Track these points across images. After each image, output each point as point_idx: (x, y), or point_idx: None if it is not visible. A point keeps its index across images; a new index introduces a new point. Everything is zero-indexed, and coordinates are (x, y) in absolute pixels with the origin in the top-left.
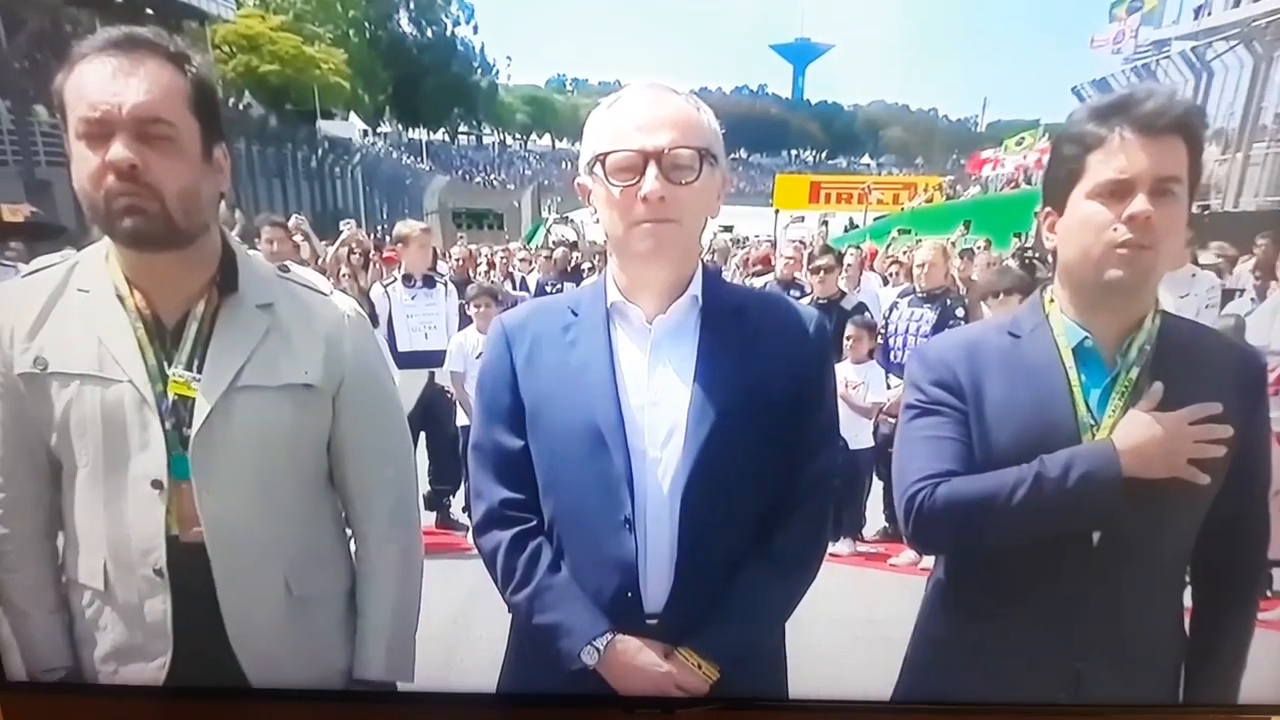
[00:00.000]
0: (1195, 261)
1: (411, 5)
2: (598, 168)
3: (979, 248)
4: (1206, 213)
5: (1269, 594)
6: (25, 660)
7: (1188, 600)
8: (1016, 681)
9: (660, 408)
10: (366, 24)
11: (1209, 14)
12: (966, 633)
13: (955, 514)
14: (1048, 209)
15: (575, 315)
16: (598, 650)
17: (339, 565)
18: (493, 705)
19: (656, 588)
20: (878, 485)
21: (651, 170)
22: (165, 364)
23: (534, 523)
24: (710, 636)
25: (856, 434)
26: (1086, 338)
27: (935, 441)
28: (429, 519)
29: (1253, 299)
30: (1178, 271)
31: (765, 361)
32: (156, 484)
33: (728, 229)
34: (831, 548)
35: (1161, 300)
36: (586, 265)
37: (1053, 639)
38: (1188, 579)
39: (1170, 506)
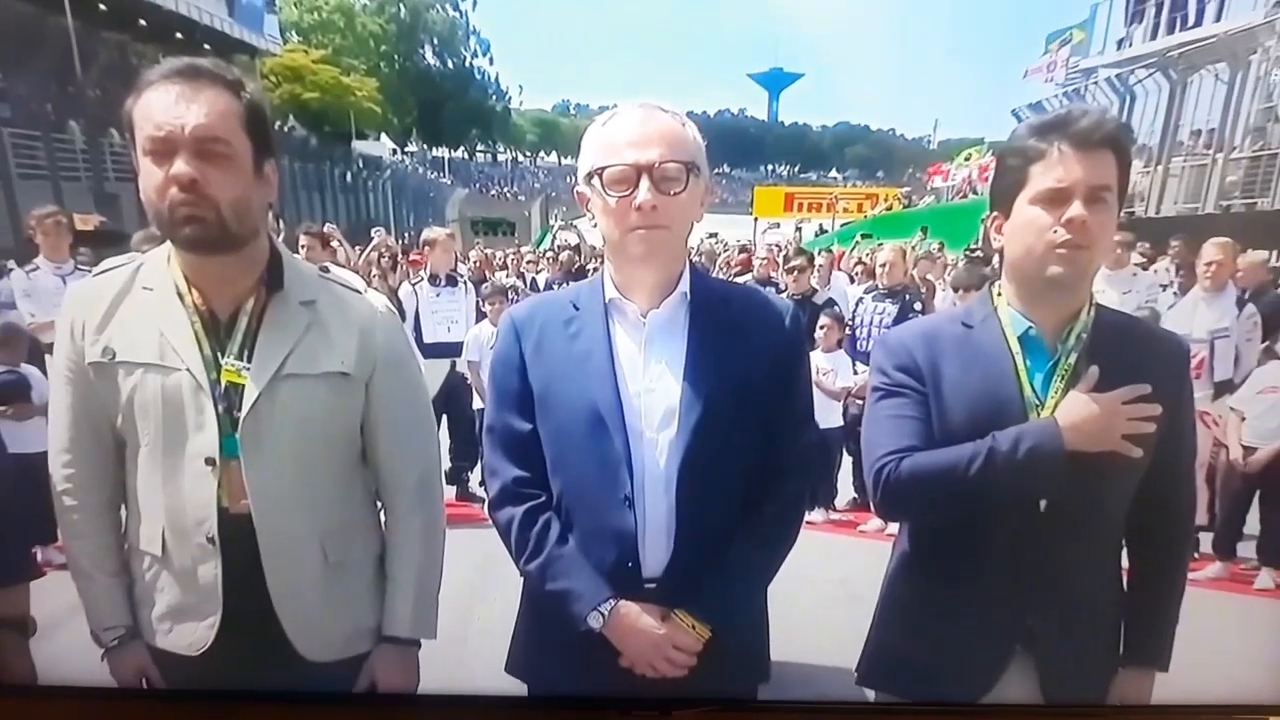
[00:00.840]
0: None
1: (435, 40)
2: (595, 180)
3: (934, 249)
4: (1132, 218)
5: (1196, 556)
6: (90, 619)
7: (1125, 562)
8: (973, 636)
9: (656, 394)
10: (396, 57)
11: (1130, 45)
12: (928, 592)
13: (918, 485)
14: (995, 214)
15: (576, 309)
16: (603, 615)
17: (370, 534)
18: (493, 708)
19: (654, 557)
20: (847, 461)
21: (644, 182)
22: (219, 354)
23: (543, 498)
24: (703, 600)
25: (828, 415)
26: (1031, 327)
27: (899, 420)
28: (450, 493)
29: (1175, 293)
30: (1121, 271)
31: (748, 348)
32: (209, 461)
33: (713, 235)
34: (807, 516)
35: (1106, 296)
36: (591, 266)
37: (1005, 597)
38: (1124, 542)
39: (1107, 477)
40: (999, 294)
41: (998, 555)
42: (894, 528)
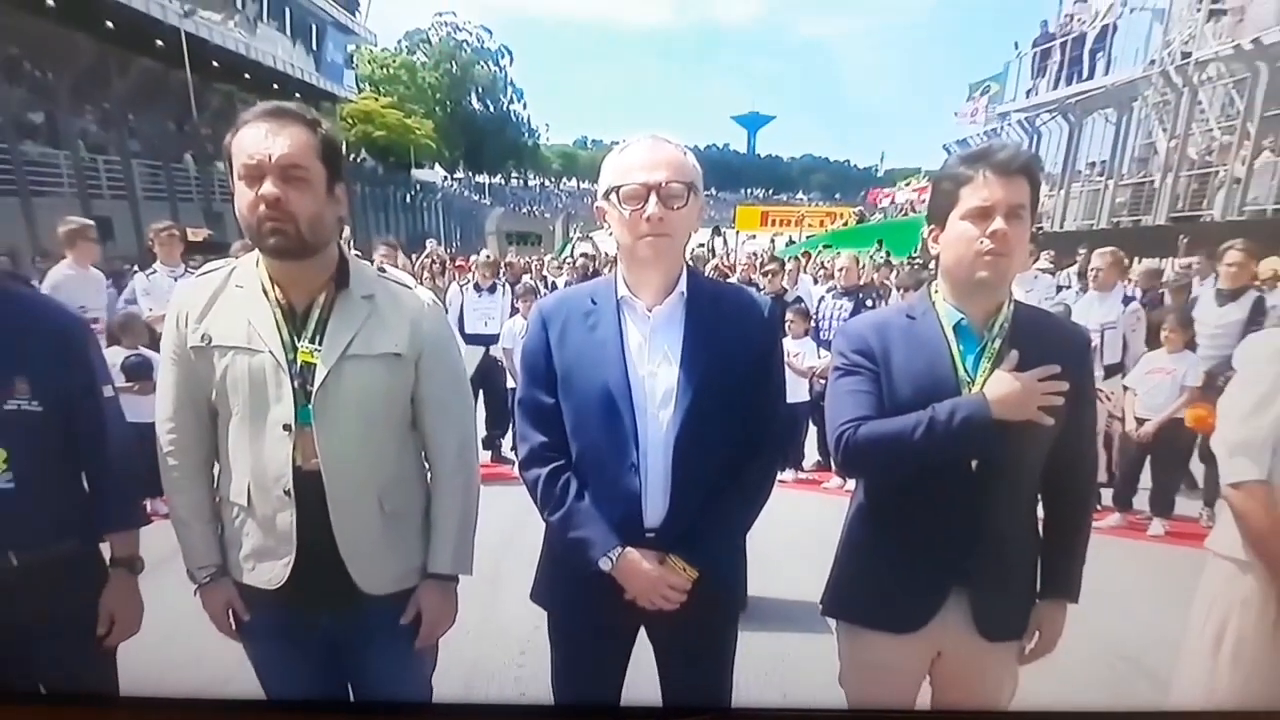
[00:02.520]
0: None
1: (479, 89)
2: (613, 196)
3: (882, 256)
4: (1040, 232)
5: (1098, 508)
6: (187, 560)
7: (1040, 512)
8: (917, 574)
9: (658, 378)
10: (448, 103)
11: (1036, 94)
12: (879, 537)
13: (871, 448)
14: (932, 227)
15: (594, 304)
16: (611, 559)
17: (418, 488)
18: (492, 714)
19: (654, 512)
20: (813, 430)
21: (653, 199)
22: (295, 339)
23: (564, 461)
24: (693, 547)
25: (796, 391)
26: (962, 319)
27: (855, 394)
28: (485, 455)
29: (1078, 292)
30: (1026, 273)
31: (734, 334)
32: (286, 428)
33: (701, 245)
34: (779, 476)
35: (1014, 293)
36: (605, 270)
37: (943, 542)
38: (1040, 496)
39: (1026, 441)
40: (936, 292)
41: (937, 506)
42: (851, 484)
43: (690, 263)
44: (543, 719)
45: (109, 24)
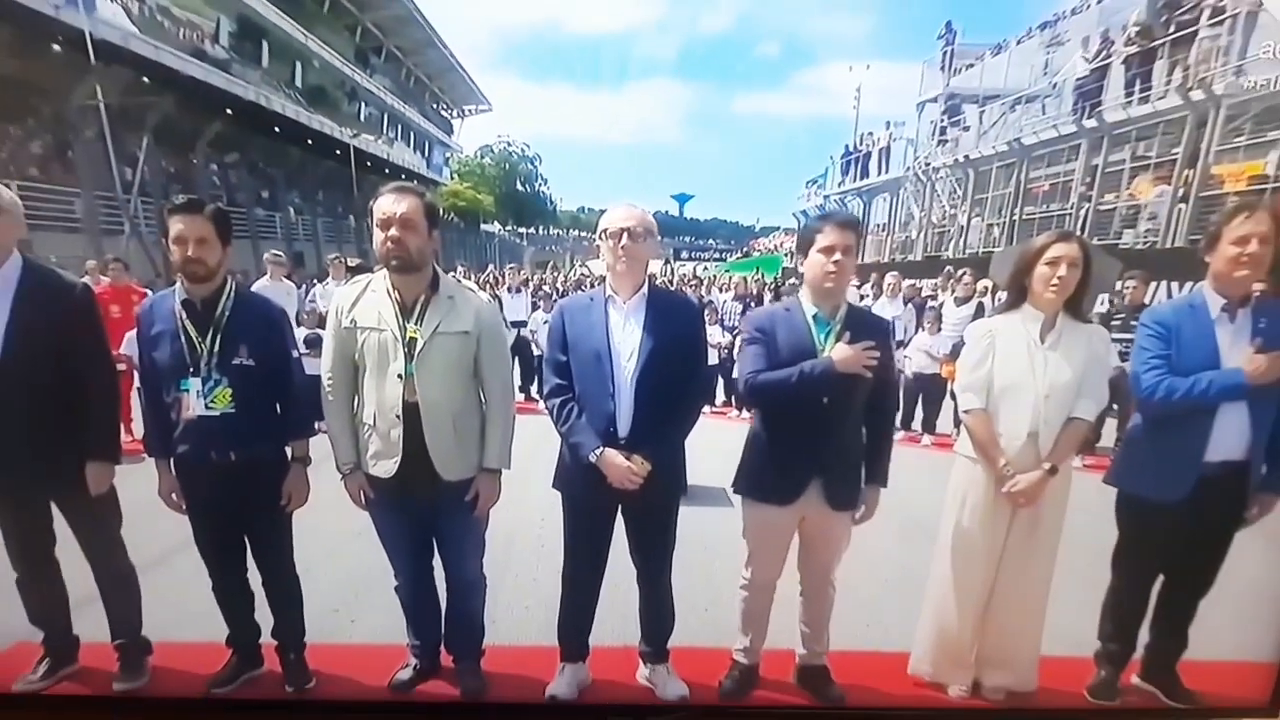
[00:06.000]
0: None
1: (521, 178)
2: (602, 235)
3: (757, 278)
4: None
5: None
6: (337, 458)
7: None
8: (790, 466)
9: (627, 343)
10: (502, 186)
11: (842, 185)
12: (768, 446)
13: (764, 389)
14: (799, 255)
15: (591, 301)
16: (596, 455)
17: (477, 415)
18: (487, 713)
19: (624, 426)
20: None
21: (625, 237)
22: (405, 322)
23: (570, 395)
24: (649, 449)
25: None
26: (817, 312)
27: (755, 356)
28: (520, 397)
29: (873, 299)
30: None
31: (676, 319)
32: (399, 376)
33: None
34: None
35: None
36: (595, 284)
37: (807, 448)
38: (864, 420)
39: (856, 386)
40: (802, 294)
41: (803, 424)
42: (748, 414)
43: (652, 276)
44: (542, 718)
45: (309, 141)
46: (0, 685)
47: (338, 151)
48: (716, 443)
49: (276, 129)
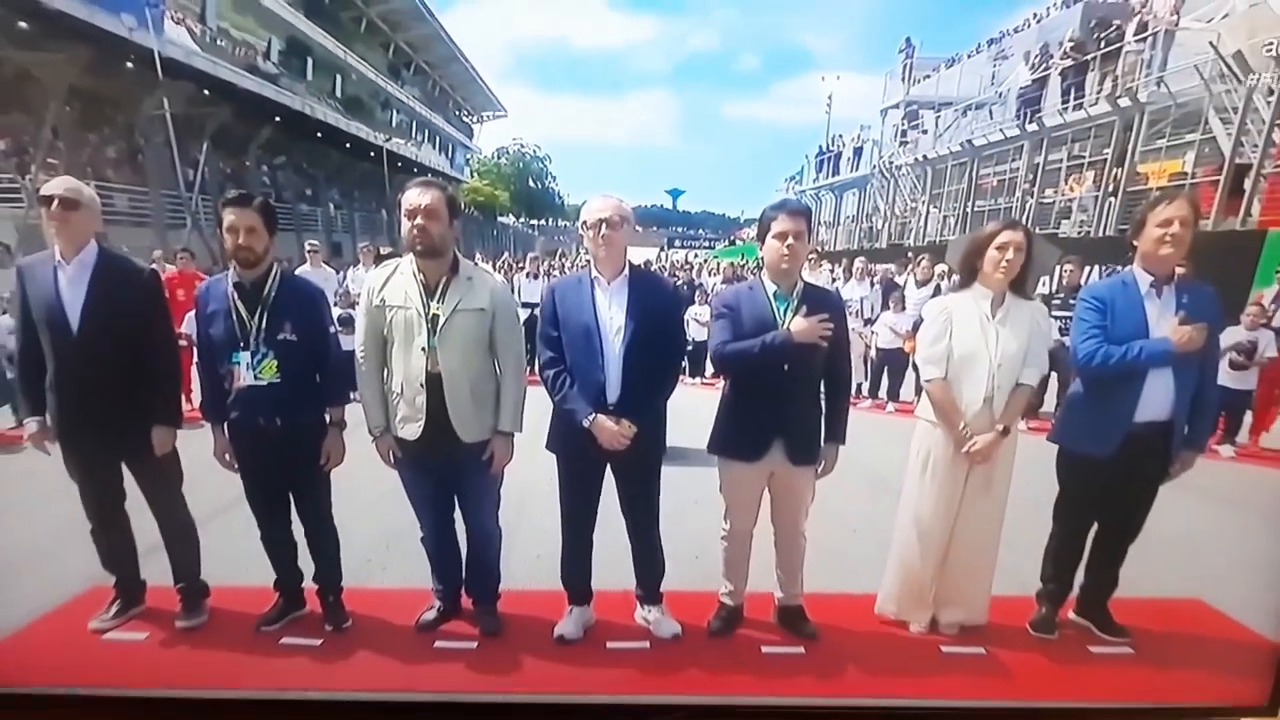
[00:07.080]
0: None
1: (533, 176)
2: (582, 226)
3: (742, 262)
4: (822, 248)
5: (855, 394)
6: (369, 421)
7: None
8: (756, 426)
9: (613, 320)
10: (515, 183)
11: (816, 180)
12: (737, 408)
13: (732, 357)
14: (760, 242)
15: (580, 282)
16: (589, 420)
17: (492, 384)
18: (483, 714)
19: (612, 394)
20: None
21: (602, 226)
22: (429, 301)
23: (564, 366)
24: (635, 413)
25: (701, 333)
26: (777, 289)
27: (725, 328)
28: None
29: (841, 281)
30: (822, 270)
31: (656, 301)
32: (423, 349)
33: (646, 261)
34: (686, 379)
35: (804, 276)
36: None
37: (771, 410)
38: (822, 386)
39: (813, 355)
40: (763, 274)
41: (767, 389)
42: (721, 380)
43: (632, 260)
44: (540, 717)
45: (347, 145)
46: (78, 623)
47: (372, 154)
48: (712, 409)
49: (319, 134)
